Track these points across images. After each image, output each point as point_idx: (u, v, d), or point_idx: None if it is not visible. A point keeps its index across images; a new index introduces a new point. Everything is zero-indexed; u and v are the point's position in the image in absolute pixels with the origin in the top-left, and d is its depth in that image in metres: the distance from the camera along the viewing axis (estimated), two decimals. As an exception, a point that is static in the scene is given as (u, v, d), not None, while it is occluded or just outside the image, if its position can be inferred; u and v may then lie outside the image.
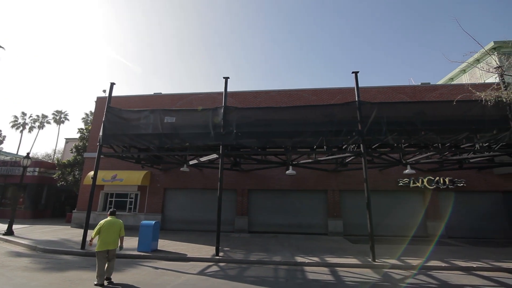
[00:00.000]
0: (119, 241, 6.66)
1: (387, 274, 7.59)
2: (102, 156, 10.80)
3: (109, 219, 6.74)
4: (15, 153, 39.18)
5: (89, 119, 33.95)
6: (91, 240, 6.60)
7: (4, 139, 46.31)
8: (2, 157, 29.50)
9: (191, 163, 12.81)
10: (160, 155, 13.08)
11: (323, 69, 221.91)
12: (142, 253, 9.20)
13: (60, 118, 47.57)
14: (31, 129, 46.64)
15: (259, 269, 7.91)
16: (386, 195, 14.51)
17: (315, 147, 10.26)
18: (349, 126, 9.61)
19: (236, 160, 13.24)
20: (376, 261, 8.47)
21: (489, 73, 14.20)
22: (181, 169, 12.65)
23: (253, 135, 10.16)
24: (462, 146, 10.36)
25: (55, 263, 8.09)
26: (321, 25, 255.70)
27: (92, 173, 12.25)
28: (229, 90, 11.18)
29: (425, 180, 13.96)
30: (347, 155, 10.55)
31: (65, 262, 8.31)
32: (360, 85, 10.27)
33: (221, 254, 9.29)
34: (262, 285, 6.66)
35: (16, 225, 13.95)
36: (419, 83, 16.95)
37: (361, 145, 9.40)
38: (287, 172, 12.39)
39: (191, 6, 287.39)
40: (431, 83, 16.96)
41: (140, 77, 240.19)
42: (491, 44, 16.72)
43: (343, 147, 10.87)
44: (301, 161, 12.77)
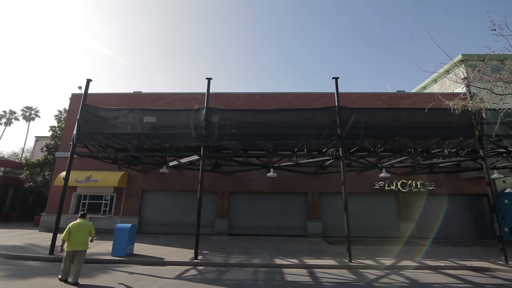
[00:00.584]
0: (89, 241, 6.81)
1: (363, 274, 7.84)
2: (75, 155, 10.33)
3: (78, 221, 6.85)
4: (-23, 151, 36.24)
5: (63, 116, 32.04)
6: (62, 245, 6.44)
7: (-36, 136, 42.69)
8: (-39, 155, 27.23)
9: (171, 164, 12.52)
10: (138, 156, 12.68)
11: (305, 75, 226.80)
12: (116, 258, 8.83)
13: (30, 114, 44.52)
14: (-4, 125, 43.36)
15: (238, 272, 7.87)
16: (363, 197, 15.04)
17: (296, 150, 10.44)
18: (329, 130, 9.90)
19: (217, 162, 13.12)
20: (352, 262, 8.73)
21: (457, 83, 15.20)
22: (161, 170, 12.33)
23: (235, 137, 10.15)
24: (432, 151, 11.02)
25: (19, 270, 7.53)
26: (305, 33, 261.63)
27: (64, 173, 11.62)
28: (212, 91, 11.10)
29: (399, 183, 14.70)
30: (327, 158, 10.84)
31: (31, 268, 7.77)
32: (340, 90, 10.59)
33: (200, 257, 9.13)
34: (240, 288, 6.62)
35: (-25, 229, 12.89)
36: (395, 91, 17.85)
37: (340, 148, 9.70)
38: (268, 174, 12.47)
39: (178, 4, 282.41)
40: (405, 91, 17.90)
41: (126, 73, 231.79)
42: (459, 56, 17.90)
43: (323, 151, 11.15)
44: (282, 164, 12.91)
